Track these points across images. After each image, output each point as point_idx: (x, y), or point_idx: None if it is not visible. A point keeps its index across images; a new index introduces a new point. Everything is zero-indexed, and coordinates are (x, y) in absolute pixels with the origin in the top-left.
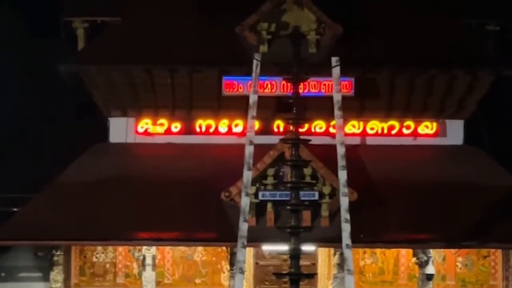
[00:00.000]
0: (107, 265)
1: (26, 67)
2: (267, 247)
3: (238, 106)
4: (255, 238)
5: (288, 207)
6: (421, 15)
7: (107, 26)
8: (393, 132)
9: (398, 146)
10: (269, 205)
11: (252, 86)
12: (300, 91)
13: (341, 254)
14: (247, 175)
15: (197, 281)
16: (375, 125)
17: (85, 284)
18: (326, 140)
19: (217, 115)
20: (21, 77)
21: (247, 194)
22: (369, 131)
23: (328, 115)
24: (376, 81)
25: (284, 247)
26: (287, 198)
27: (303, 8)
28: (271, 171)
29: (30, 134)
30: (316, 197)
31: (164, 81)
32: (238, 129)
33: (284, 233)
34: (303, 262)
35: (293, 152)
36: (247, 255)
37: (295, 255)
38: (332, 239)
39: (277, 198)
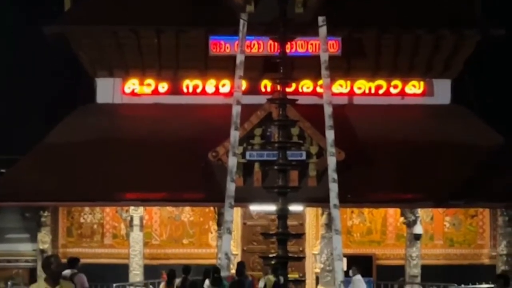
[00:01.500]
0: (95, 226)
1: (12, 28)
2: (254, 207)
3: (225, 66)
4: (242, 198)
5: (276, 167)
6: None
7: None
8: (381, 91)
9: (385, 106)
10: (257, 165)
11: (239, 46)
12: (287, 50)
13: (329, 214)
14: (234, 135)
15: (185, 241)
16: (362, 85)
17: (72, 245)
18: (313, 100)
19: (204, 75)
20: (7, 39)
21: (234, 154)
22: (356, 90)
23: (315, 75)
24: (363, 41)
25: (271, 207)
26: (274, 158)
27: None
28: (258, 131)
29: (16, 96)
30: (304, 157)
31: (151, 42)
32: (225, 89)
33: (271, 193)
34: (290, 222)
35: (280, 112)
36: (235, 215)
37: (283, 215)
38: (319, 199)
39: (265, 158)
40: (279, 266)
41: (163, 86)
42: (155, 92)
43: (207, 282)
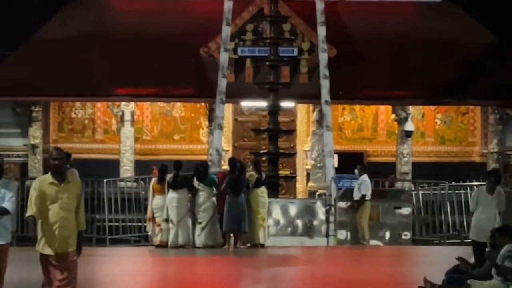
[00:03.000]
0: (86, 121)
1: None
2: (246, 103)
3: None
4: (234, 94)
5: (267, 63)
6: None
7: None
8: None
9: (377, 2)
10: (248, 61)
11: None
12: None
13: (320, 111)
14: (226, 30)
15: (176, 137)
16: None
17: (63, 140)
18: None
19: None
20: None
21: (226, 50)
22: None
23: None
24: None
25: (262, 103)
26: (266, 54)
27: None
28: (250, 27)
29: None
30: (295, 53)
31: None
32: None
33: (263, 89)
34: (281, 119)
35: (272, 8)
36: (226, 111)
37: (274, 111)
38: (311, 95)
39: (256, 54)
40: (260, 162)
41: None
42: None
43: (195, 179)
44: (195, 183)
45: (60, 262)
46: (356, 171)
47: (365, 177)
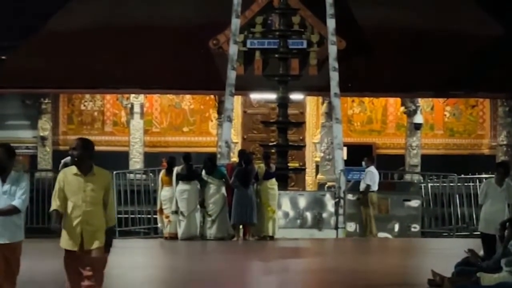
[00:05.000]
0: (95, 113)
1: None
2: (255, 96)
3: None
4: (243, 87)
5: (276, 56)
6: None
7: None
8: None
9: None
10: (257, 53)
11: None
12: None
13: (329, 103)
14: (235, 22)
15: (185, 129)
16: None
17: (73, 132)
18: None
19: None
20: None
21: (235, 42)
22: None
23: None
24: None
25: (272, 96)
26: (275, 47)
27: None
28: (259, 19)
29: None
30: (305, 45)
31: None
32: None
33: (272, 81)
34: (291, 111)
35: (281, 0)
36: (235, 104)
37: (283, 103)
38: (320, 88)
39: (265, 46)
40: (269, 154)
41: None
42: None
43: (204, 172)
44: (204, 176)
45: (84, 259)
46: (363, 163)
47: (371, 168)
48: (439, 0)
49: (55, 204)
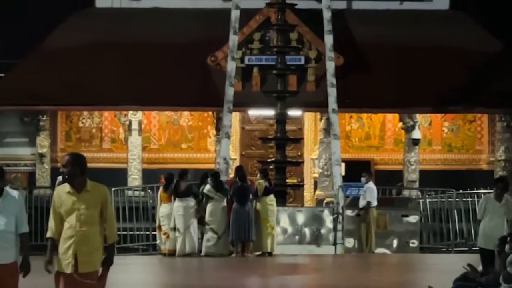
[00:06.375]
0: (93, 130)
1: None
2: (253, 112)
3: None
4: (241, 103)
5: (274, 72)
6: None
7: None
8: None
9: (384, 10)
10: (255, 70)
11: None
12: None
13: (327, 119)
14: (233, 39)
15: (183, 146)
16: None
17: (71, 149)
18: (312, 4)
19: None
20: None
21: (233, 59)
22: None
23: None
24: None
25: (270, 112)
26: (273, 63)
27: None
28: (257, 36)
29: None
30: (302, 62)
31: None
32: None
33: (270, 97)
34: (289, 127)
35: (279, 17)
36: (233, 120)
37: (281, 120)
38: (318, 104)
39: (263, 63)
40: (268, 170)
41: None
42: None
43: (207, 187)
44: (211, 192)
45: (79, 283)
46: (362, 178)
47: (370, 184)
48: (437, 16)
49: (50, 230)
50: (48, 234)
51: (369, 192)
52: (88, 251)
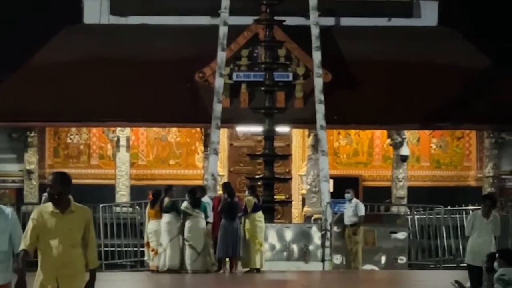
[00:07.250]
0: (81, 147)
1: None
2: (241, 128)
3: None
4: (229, 119)
5: (262, 88)
6: None
7: None
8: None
9: (372, 27)
10: (243, 86)
11: None
12: None
13: (315, 135)
14: (221, 55)
15: (171, 162)
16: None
17: (59, 166)
18: (300, 21)
19: None
20: None
21: (221, 75)
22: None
23: None
24: None
25: (258, 128)
26: (261, 79)
27: None
28: (245, 52)
29: (1, 16)
30: (290, 78)
31: None
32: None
33: (258, 114)
34: (277, 144)
35: (267, 33)
36: (221, 136)
37: (269, 136)
38: (306, 120)
39: (251, 79)
40: (256, 186)
41: (150, 7)
42: (143, 12)
43: (185, 203)
44: (188, 209)
45: None
46: (347, 195)
47: (357, 200)
48: (425, 33)
49: (24, 243)
50: (22, 245)
51: (360, 207)
52: (71, 273)
